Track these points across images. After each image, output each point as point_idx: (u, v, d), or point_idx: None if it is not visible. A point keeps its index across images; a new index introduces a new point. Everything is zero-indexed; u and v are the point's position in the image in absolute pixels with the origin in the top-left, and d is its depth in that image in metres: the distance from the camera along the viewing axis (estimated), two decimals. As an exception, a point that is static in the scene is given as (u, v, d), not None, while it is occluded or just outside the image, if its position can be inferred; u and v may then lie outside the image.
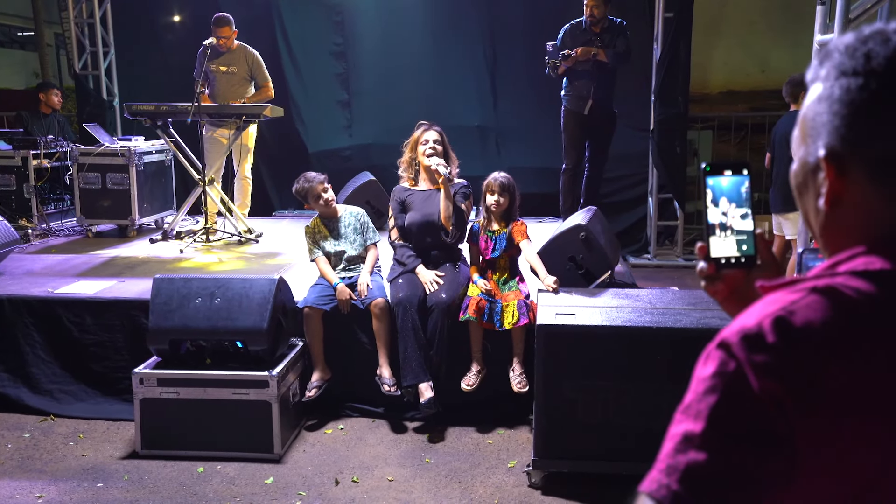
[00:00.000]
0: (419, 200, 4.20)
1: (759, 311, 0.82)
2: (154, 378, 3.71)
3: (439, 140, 4.18)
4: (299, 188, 4.23)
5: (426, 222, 4.12)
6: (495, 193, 4.03)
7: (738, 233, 1.02)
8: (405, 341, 3.89)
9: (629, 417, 3.29)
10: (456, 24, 7.54)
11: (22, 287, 4.51)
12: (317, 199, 4.21)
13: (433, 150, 4.14)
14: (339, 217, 4.30)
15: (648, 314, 3.44)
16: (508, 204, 4.05)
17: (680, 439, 0.78)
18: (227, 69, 6.28)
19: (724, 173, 1.03)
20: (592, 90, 5.87)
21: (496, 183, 4.04)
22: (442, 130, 4.25)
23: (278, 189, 7.85)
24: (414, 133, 4.27)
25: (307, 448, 3.80)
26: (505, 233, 4.05)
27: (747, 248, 1.03)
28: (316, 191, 4.19)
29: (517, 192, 4.11)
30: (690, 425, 0.78)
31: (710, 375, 0.79)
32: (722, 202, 1.02)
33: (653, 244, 7.12)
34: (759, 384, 0.76)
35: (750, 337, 0.79)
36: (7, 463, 3.66)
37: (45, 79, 13.41)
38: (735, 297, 1.06)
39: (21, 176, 6.16)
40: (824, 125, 0.87)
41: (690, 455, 0.76)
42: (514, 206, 4.08)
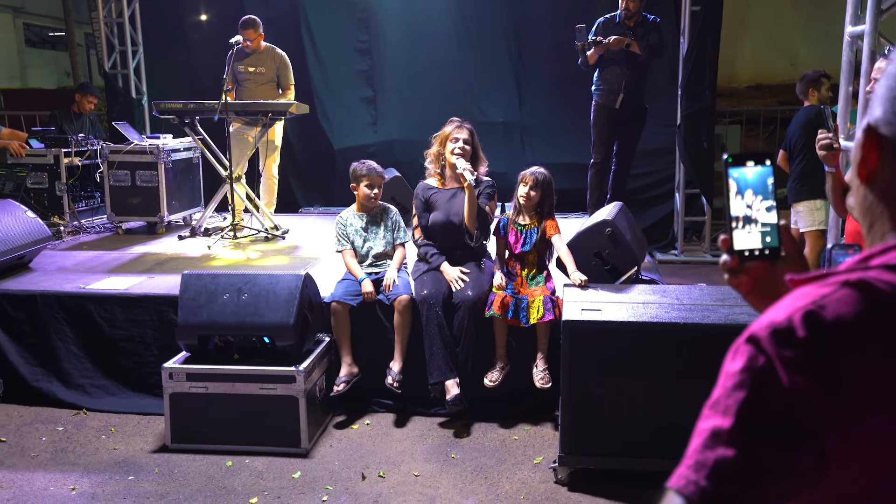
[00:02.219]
0: (443, 200, 4.20)
1: (788, 304, 0.81)
2: (183, 373, 3.76)
3: (469, 140, 4.15)
4: (358, 168, 4.25)
5: (449, 222, 4.12)
6: (527, 186, 4.01)
7: (763, 225, 1.01)
8: (431, 339, 3.90)
9: (656, 414, 3.27)
10: (481, 19, 7.53)
11: (54, 283, 4.59)
12: (370, 188, 4.23)
13: (461, 151, 4.12)
14: (374, 212, 4.32)
15: (675, 310, 3.41)
16: (540, 199, 4.03)
17: (708, 435, 0.77)
18: (255, 70, 6.34)
19: (746, 164, 1.02)
20: (624, 83, 5.83)
21: (531, 176, 4.03)
22: (473, 130, 4.22)
23: (303, 186, 7.91)
24: (445, 128, 4.25)
25: (334, 443, 3.83)
26: (536, 228, 4.04)
27: (771, 241, 1.02)
28: (373, 180, 4.22)
29: (553, 189, 4.08)
30: (719, 421, 0.77)
31: (739, 370, 0.78)
32: (746, 194, 1.01)
33: (680, 240, 7.07)
34: (788, 379, 0.76)
35: (780, 331, 0.78)
36: (41, 455, 3.73)
37: (75, 78, 13.57)
38: (759, 291, 1.05)
39: (53, 174, 6.26)
40: (879, 100, 0.87)
41: (719, 451, 0.76)
42: (547, 203, 4.06)
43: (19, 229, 4.87)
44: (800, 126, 5.32)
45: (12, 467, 3.60)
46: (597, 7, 6.35)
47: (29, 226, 4.97)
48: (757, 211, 1.01)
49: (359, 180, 4.25)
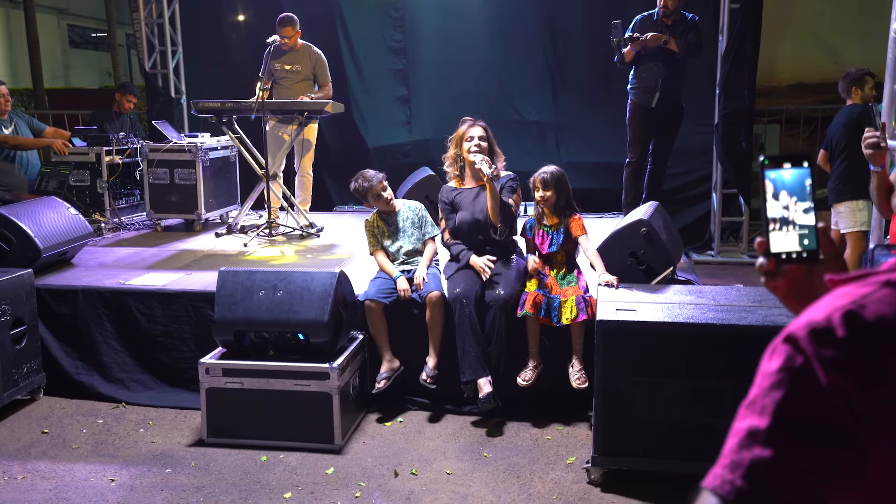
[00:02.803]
0: (467, 199, 4.20)
1: (827, 304, 0.80)
2: (219, 368, 3.81)
3: (484, 137, 4.15)
4: (358, 187, 4.26)
5: (476, 220, 4.12)
6: (539, 189, 4.02)
7: (801, 227, 1.00)
8: (463, 337, 3.91)
9: (691, 415, 3.23)
10: (516, 18, 7.51)
11: (95, 279, 4.68)
12: (377, 197, 4.25)
13: (478, 148, 4.11)
14: (397, 212, 4.34)
15: (712, 311, 3.37)
16: (556, 197, 4.02)
17: (744, 435, 0.76)
18: (291, 67, 6.41)
19: (783, 166, 1.00)
20: (660, 82, 5.78)
21: (539, 178, 4.03)
22: (487, 126, 4.22)
23: (338, 184, 7.96)
24: (458, 129, 4.25)
25: (367, 440, 3.85)
26: (562, 227, 4.02)
27: (809, 243, 1.00)
28: (375, 190, 4.23)
29: (566, 184, 4.07)
30: (755, 421, 0.76)
31: (777, 370, 0.78)
32: (782, 196, 1.00)
33: (717, 240, 6.98)
34: (827, 379, 0.75)
35: (818, 331, 0.77)
36: (83, 447, 3.81)
37: (117, 78, 13.82)
38: (796, 294, 1.03)
39: (95, 172, 6.38)
40: None
41: (755, 451, 0.75)
42: (563, 198, 4.05)
43: (63, 226, 4.98)
44: (842, 125, 5.23)
45: (55, 458, 3.69)
46: (634, 5, 6.30)
47: (71, 222, 5.08)
48: (794, 213, 1.00)
49: (365, 196, 4.27)
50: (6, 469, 3.57)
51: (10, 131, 6.05)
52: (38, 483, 3.44)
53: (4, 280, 4.09)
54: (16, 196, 5.91)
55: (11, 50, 22.68)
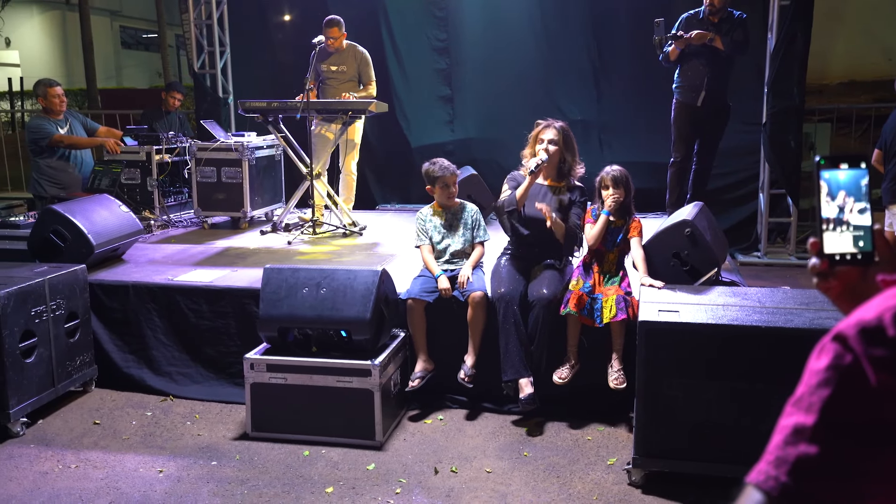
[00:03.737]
0: (532, 194, 4.17)
1: (878, 304, 0.79)
2: (264, 364, 3.88)
3: (555, 140, 4.11)
4: (431, 170, 4.29)
5: (535, 217, 4.11)
6: (609, 187, 3.99)
7: (855, 228, 0.98)
8: (506, 336, 3.91)
9: (734, 419, 3.19)
10: (560, 17, 7.48)
11: (145, 275, 4.80)
12: (444, 187, 4.27)
13: (547, 152, 4.08)
14: (454, 210, 4.36)
15: (757, 313, 3.32)
16: (624, 196, 4.00)
17: (790, 431, 0.76)
18: (337, 68, 6.48)
19: (839, 167, 0.99)
20: (706, 80, 5.70)
21: (608, 177, 4.00)
22: (563, 128, 4.15)
23: (381, 183, 8.03)
24: (535, 128, 4.22)
25: (407, 437, 3.88)
26: (623, 227, 4.01)
27: (864, 245, 0.98)
28: (446, 180, 4.26)
29: (631, 185, 4.04)
30: (802, 418, 0.76)
31: (825, 368, 0.77)
32: (839, 196, 0.99)
33: (763, 242, 6.86)
34: (876, 378, 0.74)
35: (869, 330, 0.77)
36: (132, 438, 3.91)
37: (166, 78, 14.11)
38: (848, 295, 1.02)
39: (145, 170, 6.54)
40: None
41: (801, 448, 0.75)
42: (629, 199, 4.03)
43: (114, 223, 5.11)
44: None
45: (106, 448, 3.79)
46: (680, 3, 6.22)
47: (123, 220, 5.22)
48: (849, 213, 0.98)
49: (433, 182, 4.29)
50: (60, 458, 3.69)
51: (65, 131, 6.23)
52: (90, 472, 3.55)
53: (59, 275, 4.22)
54: (70, 193, 6.09)
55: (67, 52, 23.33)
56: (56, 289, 4.18)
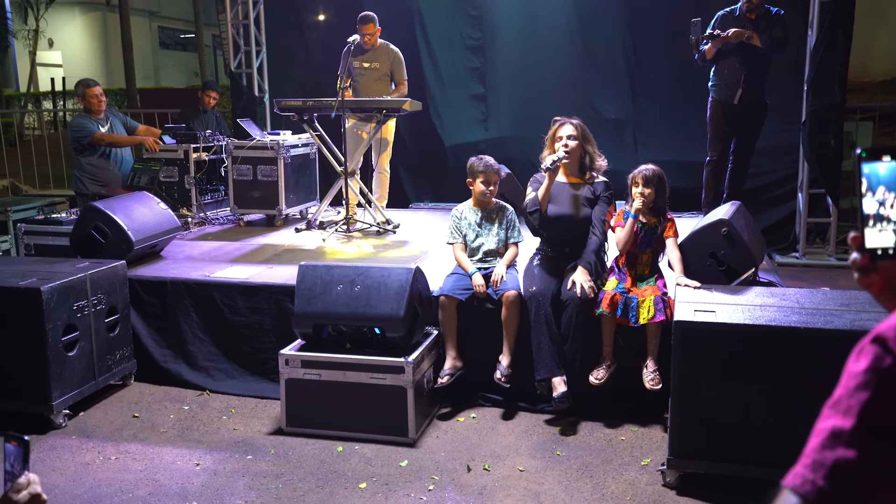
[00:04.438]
0: (562, 195, 4.15)
1: None
2: (298, 360, 3.92)
3: (574, 135, 4.10)
4: (477, 165, 4.28)
5: (566, 217, 4.09)
6: (639, 185, 3.95)
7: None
8: (539, 335, 3.91)
9: (770, 420, 3.15)
10: (595, 15, 7.43)
11: (182, 271, 4.88)
12: (485, 183, 4.27)
13: (566, 148, 4.06)
14: (490, 209, 4.36)
15: (796, 314, 3.27)
16: (655, 196, 3.96)
17: (828, 435, 0.76)
18: (370, 65, 6.52)
19: (882, 159, 0.97)
20: (743, 78, 5.63)
21: (640, 175, 3.97)
22: (580, 125, 4.14)
23: (414, 181, 8.05)
24: (551, 128, 4.21)
25: (440, 434, 3.90)
26: (657, 226, 3.97)
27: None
28: (489, 176, 4.26)
29: (666, 184, 4.00)
30: (839, 421, 0.76)
31: (864, 371, 0.76)
32: (879, 191, 0.97)
33: (802, 242, 6.75)
34: None
35: None
36: (169, 431, 3.98)
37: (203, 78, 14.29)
38: (891, 291, 1.00)
39: (182, 168, 6.63)
40: None
41: (839, 451, 0.74)
42: (661, 198, 3.99)
43: (153, 220, 5.20)
44: None
45: (144, 441, 3.87)
46: (716, 1, 6.14)
47: (161, 217, 5.31)
48: (891, 208, 0.97)
49: (475, 176, 4.29)
50: (101, 450, 3.77)
51: (106, 129, 6.36)
52: (129, 464, 3.62)
53: (100, 270, 4.30)
54: (111, 191, 6.21)
55: (107, 52, 23.77)
56: (97, 284, 4.26)
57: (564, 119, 4.16)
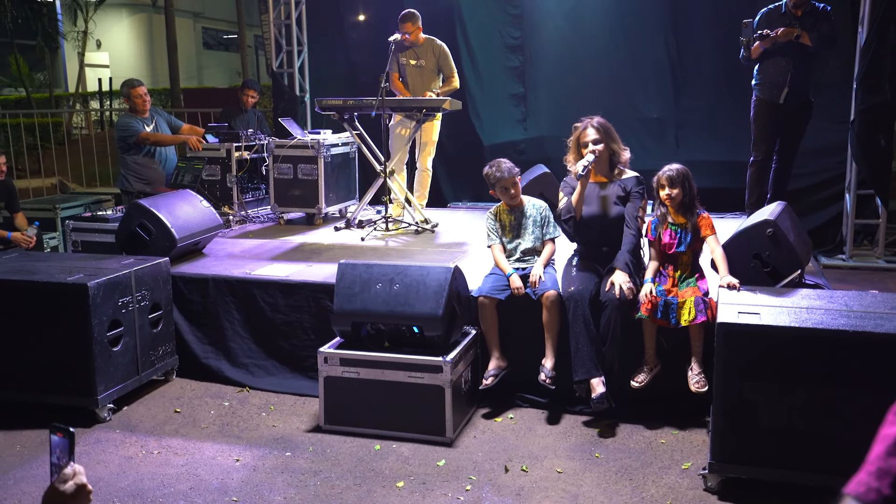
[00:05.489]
0: (592, 196, 4.11)
1: None
2: (337, 358, 3.94)
3: (598, 139, 4.03)
4: (490, 174, 4.28)
5: (599, 217, 4.05)
6: (665, 187, 3.90)
7: None
8: (577, 336, 3.87)
9: (817, 425, 3.08)
10: (637, 12, 7.36)
11: (224, 268, 4.94)
12: (504, 190, 4.27)
13: (594, 153, 4.00)
14: (522, 208, 4.34)
15: (844, 317, 3.19)
16: (682, 195, 3.90)
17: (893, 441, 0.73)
18: (417, 62, 6.54)
19: None
20: (790, 77, 5.51)
21: (664, 176, 3.91)
22: (601, 122, 4.07)
23: (453, 181, 8.04)
24: (574, 131, 4.15)
25: (478, 434, 3.89)
26: (689, 226, 3.91)
27: None
28: (505, 182, 4.25)
29: (692, 182, 3.94)
30: None
31: None
32: None
33: (849, 244, 6.58)
34: None
35: None
36: (210, 427, 4.04)
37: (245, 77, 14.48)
38: None
39: (224, 167, 6.72)
40: None
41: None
42: (688, 196, 3.93)
43: (196, 218, 5.28)
44: None
45: (186, 436, 3.92)
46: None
47: (204, 215, 5.38)
48: None
49: (493, 185, 4.29)
50: (144, 444, 3.84)
51: (151, 128, 6.47)
52: (171, 458, 3.67)
53: (145, 267, 4.38)
54: (155, 189, 6.32)
55: (152, 53, 24.22)
56: (141, 280, 4.34)
57: (586, 121, 4.11)
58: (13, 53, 16.99)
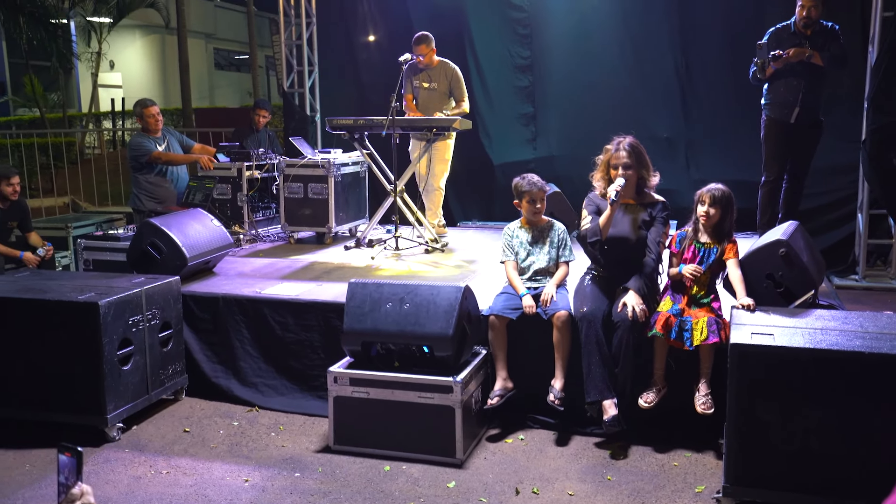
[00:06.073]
0: (616, 216, 4.08)
1: None
2: (347, 377, 3.92)
3: (628, 163, 3.99)
4: (520, 184, 4.27)
5: (619, 237, 4.03)
6: (706, 204, 3.86)
7: None
8: (589, 356, 3.84)
9: (833, 447, 3.04)
10: (647, 33, 7.37)
11: (234, 287, 4.94)
12: (531, 202, 4.24)
13: (624, 177, 3.95)
14: (541, 227, 4.33)
15: (859, 338, 3.16)
16: (720, 218, 3.87)
17: None
18: (429, 85, 6.58)
19: None
20: (801, 96, 5.50)
21: (708, 194, 3.87)
22: (632, 144, 4.03)
23: (462, 200, 8.05)
24: (605, 153, 4.11)
25: (488, 455, 3.85)
26: (716, 248, 3.88)
27: None
28: (534, 195, 4.24)
29: (733, 207, 3.90)
30: None
31: None
32: None
33: (862, 264, 6.53)
34: None
35: None
36: (219, 447, 4.02)
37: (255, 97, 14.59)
38: None
39: (235, 186, 6.75)
40: None
41: None
42: (728, 221, 3.89)
43: (207, 236, 5.29)
44: None
45: (195, 456, 3.90)
46: (770, 18, 6.02)
47: (214, 233, 5.39)
48: None
49: (520, 196, 4.27)
50: (153, 464, 3.82)
51: (163, 148, 6.51)
52: (180, 478, 3.65)
53: (155, 286, 4.38)
54: (166, 208, 6.35)
55: (165, 73, 24.46)
56: (152, 299, 4.34)
57: (617, 142, 4.05)
58: (28, 74, 17.19)
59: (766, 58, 5.48)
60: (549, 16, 7.68)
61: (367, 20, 8.39)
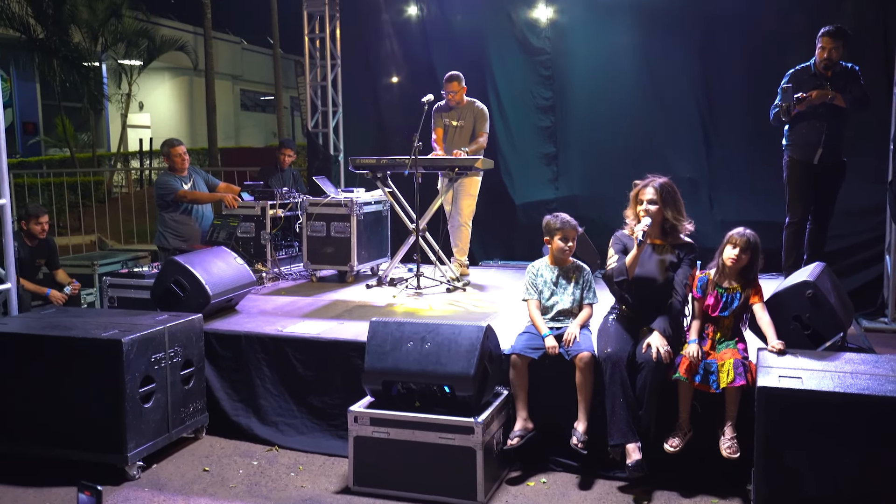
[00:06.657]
0: (643, 256, 4.05)
1: None
2: (367, 417, 3.89)
3: (654, 200, 3.99)
4: (552, 222, 4.26)
5: (646, 278, 3.99)
6: (737, 247, 3.82)
7: None
8: (613, 398, 3.78)
9: (866, 494, 2.95)
10: (669, 74, 7.39)
11: (256, 325, 4.95)
12: (564, 240, 4.23)
13: (647, 213, 3.98)
14: (567, 267, 4.31)
15: (891, 383, 3.09)
16: (748, 263, 3.83)
17: None
18: (458, 123, 6.65)
19: None
20: (823, 138, 5.47)
21: (741, 238, 3.83)
22: (664, 184, 4.00)
23: (484, 239, 8.04)
24: (634, 188, 4.12)
25: (510, 499, 3.79)
26: (739, 293, 3.83)
27: None
28: (566, 233, 4.22)
29: (760, 253, 3.87)
30: None
31: None
32: None
33: (891, 307, 6.42)
34: None
35: None
36: (238, 487, 3.99)
37: (280, 137, 14.81)
38: None
39: (259, 224, 6.81)
40: None
41: None
42: (754, 268, 3.85)
43: (230, 274, 5.32)
44: None
45: (214, 496, 3.88)
46: (792, 59, 6.02)
47: (238, 271, 5.43)
48: None
49: (552, 233, 4.26)
50: (172, 503, 3.79)
51: (189, 186, 6.60)
52: (198, 518, 3.63)
53: (178, 324, 4.41)
54: (191, 245, 6.41)
55: (192, 114, 24.92)
56: (175, 337, 4.36)
57: (650, 180, 4.04)
58: (60, 115, 17.59)
59: (792, 101, 5.46)
60: (570, 57, 7.75)
61: (391, 62, 8.52)
